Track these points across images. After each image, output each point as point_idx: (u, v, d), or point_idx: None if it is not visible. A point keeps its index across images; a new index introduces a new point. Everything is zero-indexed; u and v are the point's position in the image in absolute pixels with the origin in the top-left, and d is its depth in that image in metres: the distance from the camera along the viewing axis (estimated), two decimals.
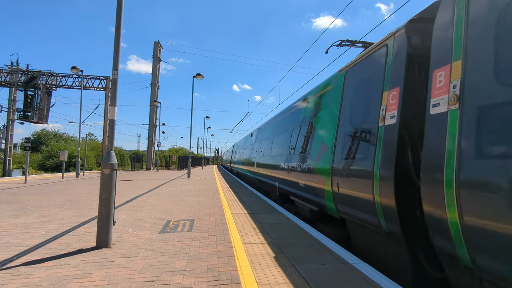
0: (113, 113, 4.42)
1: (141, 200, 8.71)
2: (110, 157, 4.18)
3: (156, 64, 30.68)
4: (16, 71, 22.64)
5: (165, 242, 4.37)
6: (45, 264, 3.38)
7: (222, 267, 3.39)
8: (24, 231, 4.87)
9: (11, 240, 4.31)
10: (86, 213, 6.52)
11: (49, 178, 17.10)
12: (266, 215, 6.70)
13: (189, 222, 5.76)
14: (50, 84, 23.14)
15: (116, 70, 4.40)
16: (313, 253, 3.98)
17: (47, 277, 3.03)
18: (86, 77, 23.37)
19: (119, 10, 4.48)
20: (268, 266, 3.47)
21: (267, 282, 3.01)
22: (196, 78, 19.61)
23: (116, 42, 4.44)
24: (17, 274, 3.10)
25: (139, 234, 4.82)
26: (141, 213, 6.58)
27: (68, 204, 7.69)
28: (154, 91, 30.51)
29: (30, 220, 5.70)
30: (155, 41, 30.94)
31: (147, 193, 10.53)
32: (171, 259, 3.64)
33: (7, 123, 24.18)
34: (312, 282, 3.01)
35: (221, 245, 4.28)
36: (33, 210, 6.69)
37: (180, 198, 9.19)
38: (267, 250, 4.07)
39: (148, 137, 31.55)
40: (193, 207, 7.54)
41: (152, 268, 3.31)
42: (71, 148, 33.37)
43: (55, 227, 5.15)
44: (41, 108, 22.82)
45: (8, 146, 24.24)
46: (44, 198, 8.72)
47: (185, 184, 14.36)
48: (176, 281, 2.99)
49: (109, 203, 4.09)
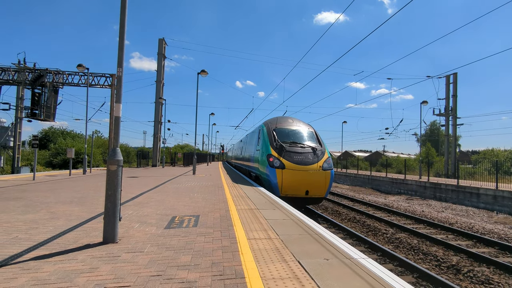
0: (118, 110, 4.46)
1: (147, 196, 8.79)
2: (116, 154, 4.22)
3: (161, 61, 30.74)
4: (24, 69, 22.87)
5: (170, 237, 4.42)
6: (54, 259, 3.44)
7: (226, 262, 3.42)
8: (32, 226, 4.96)
9: (20, 236, 4.39)
10: (93, 209, 6.60)
11: (56, 175, 17.33)
12: (270, 211, 6.72)
13: (194, 218, 5.81)
14: (57, 82, 23.32)
15: (121, 67, 4.42)
16: (317, 249, 3.99)
17: (55, 271, 3.09)
18: (92, 74, 23.49)
19: (123, 7, 4.49)
20: (272, 261, 3.49)
21: (271, 277, 3.03)
22: (201, 75, 19.61)
23: (121, 39, 4.46)
24: (27, 268, 3.16)
25: (145, 229, 4.87)
26: (147, 209, 6.65)
27: (76, 200, 7.80)
28: (159, 88, 30.61)
29: (39, 216, 5.80)
30: (159, 38, 30.96)
31: (153, 189, 10.62)
32: (176, 254, 3.68)
33: (16, 121, 24.50)
34: (316, 277, 3.03)
35: (226, 240, 4.31)
36: (42, 206, 6.80)
37: (185, 194, 9.26)
38: (271, 246, 4.09)
39: (154, 134, 31.72)
40: (198, 203, 7.59)
41: (158, 263, 3.36)
42: (78, 145, 33.72)
43: (63, 223, 5.23)
44: (48, 106, 23.05)
45: (17, 143, 24.58)
46: (52, 194, 8.85)
47: (191, 181, 14.44)
48: (181, 275, 3.03)
49: (115, 199, 4.14)
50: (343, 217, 12.55)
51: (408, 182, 23.19)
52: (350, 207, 14.59)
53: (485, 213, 15.00)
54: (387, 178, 25.82)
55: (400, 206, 16.24)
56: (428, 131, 58.84)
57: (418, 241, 8.89)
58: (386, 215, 13.14)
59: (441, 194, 19.91)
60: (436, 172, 29.25)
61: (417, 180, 22.60)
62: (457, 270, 6.66)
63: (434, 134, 57.81)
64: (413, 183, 22.63)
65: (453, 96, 29.18)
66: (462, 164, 23.80)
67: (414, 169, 32.10)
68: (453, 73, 29.16)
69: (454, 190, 18.96)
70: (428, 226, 11.17)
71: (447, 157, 29.91)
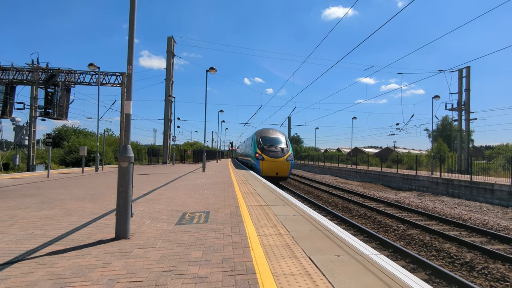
0: (129, 108, 4.50)
1: (158, 193, 8.89)
2: (127, 151, 4.26)
3: (170, 59, 30.90)
4: (37, 69, 23.30)
5: (181, 233, 4.46)
6: (68, 254, 3.52)
7: (237, 258, 3.43)
8: (47, 222, 5.07)
9: (36, 231, 4.50)
10: (105, 205, 6.71)
11: (70, 172, 17.68)
12: (280, 207, 6.71)
13: (204, 214, 5.84)
14: (69, 81, 23.70)
15: (130, 65, 4.46)
16: (328, 245, 3.97)
17: (70, 266, 3.15)
18: (102, 73, 23.78)
19: (132, 5, 4.52)
20: (283, 257, 3.49)
21: (282, 273, 3.02)
22: (210, 72, 19.65)
23: (130, 37, 4.49)
24: (42, 263, 3.24)
25: (156, 225, 4.93)
26: (158, 206, 6.73)
27: (88, 197, 7.94)
28: (169, 86, 30.80)
29: (53, 212, 5.93)
30: (168, 36, 31.10)
31: (163, 186, 10.73)
32: (187, 250, 3.71)
33: (30, 120, 25.02)
34: (327, 273, 3.01)
35: (236, 236, 4.33)
36: (56, 203, 6.94)
37: (195, 191, 9.32)
38: (282, 242, 4.08)
39: (164, 131, 31.97)
40: (208, 200, 7.64)
41: (169, 259, 3.39)
42: (90, 143, 34.23)
43: (76, 219, 5.34)
44: (61, 105, 23.46)
45: (32, 142, 25.13)
46: (65, 191, 9.03)
47: (200, 178, 14.54)
48: (192, 271, 3.05)
49: (127, 196, 4.19)
50: (353, 214, 12.45)
51: (419, 178, 22.84)
52: (360, 203, 14.46)
53: (500, 210, 14.67)
54: (398, 174, 25.48)
55: (411, 202, 16.02)
56: (440, 126, 57.76)
57: (431, 237, 8.75)
58: (397, 212, 12.98)
59: (453, 190, 19.55)
60: (448, 168, 28.70)
61: (428, 176, 22.24)
62: (471, 267, 6.54)
63: (446, 129, 56.70)
64: (424, 179, 22.28)
65: (466, 90, 28.52)
66: (476, 159, 23.24)
67: (426, 165, 31.57)
68: (466, 67, 28.48)
69: (467, 186, 18.59)
70: (441, 222, 10.98)
71: (459, 153, 29.32)
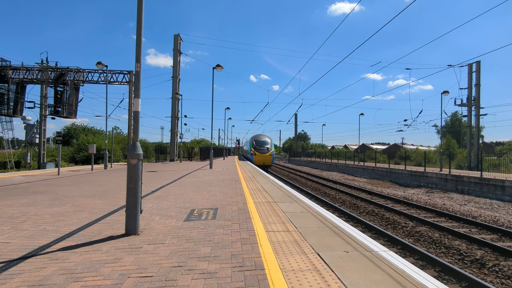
0: (137, 105, 4.54)
1: (166, 190, 8.97)
2: (136, 148, 4.31)
3: (177, 57, 31.00)
4: (46, 68, 23.60)
5: (190, 229, 4.50)
6: (80, 250, 3.58)
7: (246, 254, 3.45)
8: (59, 219, 5.17)
9: (48, 228, 4.59)
10: (115, 202, 6.80)
11: (79, 170, 17.93)
12: (288, 204, 6.72)
13: (212, 211, 5.88)
14: (78, 80, 23.97)
15: (138, 63, 4.49)
16: (336, 241, 3.97)
17: (81, 261, 3.21)
18: (110, 72, 23.97)
19: (140, 3, 4.54)
20: (291, 253, 3.50)
21: (291, 269, 3.03)
22: (216, 70, 19.67)
23: (138, 35, 4.52)
24: (55, 258, 3.30)
25: (165, 222, 4.98)
26: (166, 202, 6.79)
27: (98, 194, 8.05)
28: (176, 84, 30.92)
29: (64, 209, 6.03)
30: (175, 34, 31.16)
31: (171, 183, 10.82)
32: (196, 245, 3.75)
33: (40, 119, 25.41)
34: (336, 270, 3.01)
35: (245, 232, 4.35)
36: (66, 200, 7.06)
37: (203, 188, 9.38)
38: (290, 238, 4.09)
39: (171, 129, 32.18)
40: (216, 196, 7.68)
41: (179, 254, 3.43)
42: (99, 141, 34.66)
43: (87, 216, 5.42)
44: (70, 104, 23.78)
45: (42, 140, 25.55)
46: (75, 188, 9.17)
47: (208, 175, 14.61)
48: (201, 266, 3.08)
49: (136, 192, 4.24)
50: (361, 211, 12.39)
51: (428, 175, 22.57)
52: (368, 200, 14.38)
53: (511, 206, 14.44)
54: (406, 170, 25.22)
55: (420, 199, 15.87)
56: (449, 122, 56.87)
57: (440, 234, 8.67)
58: (405, 208, 12.87)
59: (463, 187, 19.29)
60: (457, 164, 28.31)
61: (437, 172, 21.97)
62: (482, 265, 6.46)
63: (455, 125, 55.79)
64: (433, 175, 22.01)
65: (476, 85, 28.01)
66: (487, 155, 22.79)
67: (434, 162, 31.20)
68: (476, 61, 27.95)
69: (477, 183, 18.31)
70: (450, 219, 10.86)
71: (469, 149, 28.88)
